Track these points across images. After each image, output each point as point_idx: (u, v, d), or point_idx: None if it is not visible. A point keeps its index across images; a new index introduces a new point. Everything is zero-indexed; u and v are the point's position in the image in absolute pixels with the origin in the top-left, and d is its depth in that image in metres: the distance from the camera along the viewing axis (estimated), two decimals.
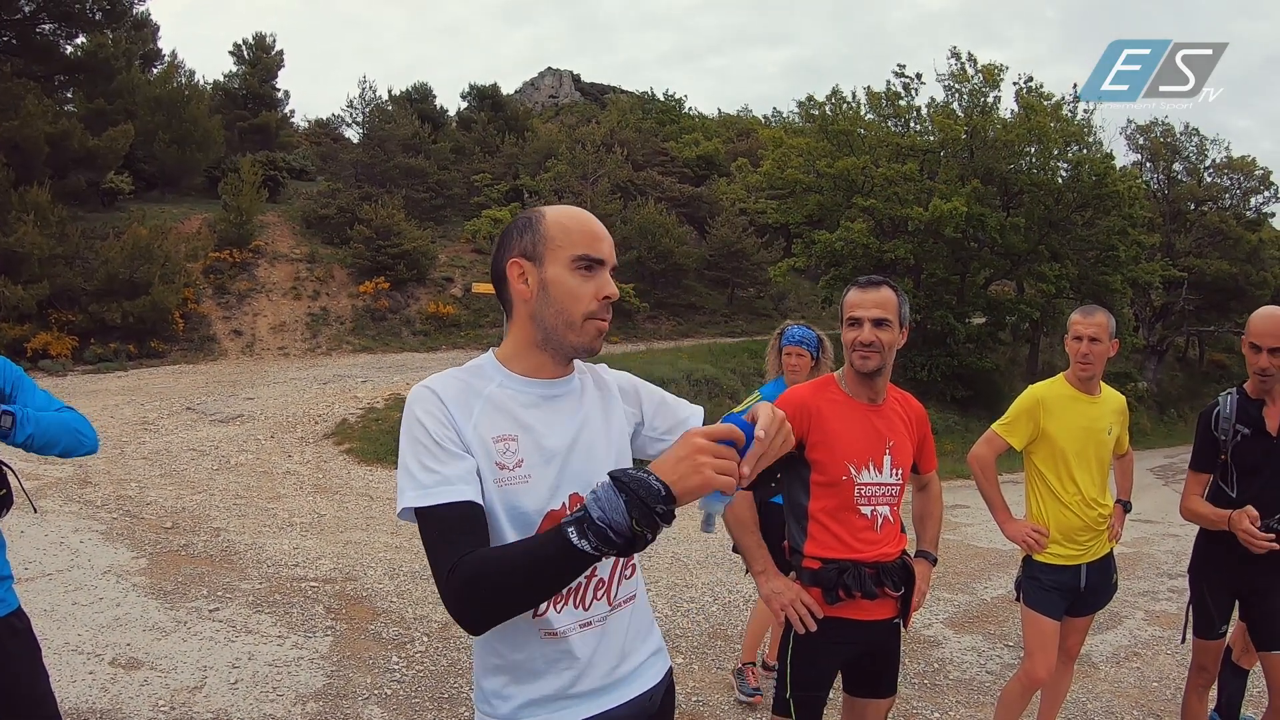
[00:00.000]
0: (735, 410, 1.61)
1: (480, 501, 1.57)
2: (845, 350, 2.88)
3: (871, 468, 2.84)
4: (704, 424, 1.64)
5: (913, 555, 3.05)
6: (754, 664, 4.85)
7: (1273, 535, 3.35)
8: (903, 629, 2.98)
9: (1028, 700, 3.75)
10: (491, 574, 1.44)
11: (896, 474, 2.90)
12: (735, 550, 4.44)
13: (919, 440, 3.04)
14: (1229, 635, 3.83)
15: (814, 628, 2.78)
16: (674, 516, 1.38)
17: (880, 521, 2.86)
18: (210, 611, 5.80)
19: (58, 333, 19.30)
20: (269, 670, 4.89)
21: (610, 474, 1.39)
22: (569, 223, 1.72)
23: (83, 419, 2.73)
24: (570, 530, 1.36)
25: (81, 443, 2.68)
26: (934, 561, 3.14)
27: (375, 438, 13.06)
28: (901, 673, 5.25)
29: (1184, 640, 3.75)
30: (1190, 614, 3.74)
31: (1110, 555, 3.78)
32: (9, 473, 2.69)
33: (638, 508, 1.34)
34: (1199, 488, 3.69)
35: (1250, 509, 3.38)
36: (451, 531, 1.52)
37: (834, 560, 2.81)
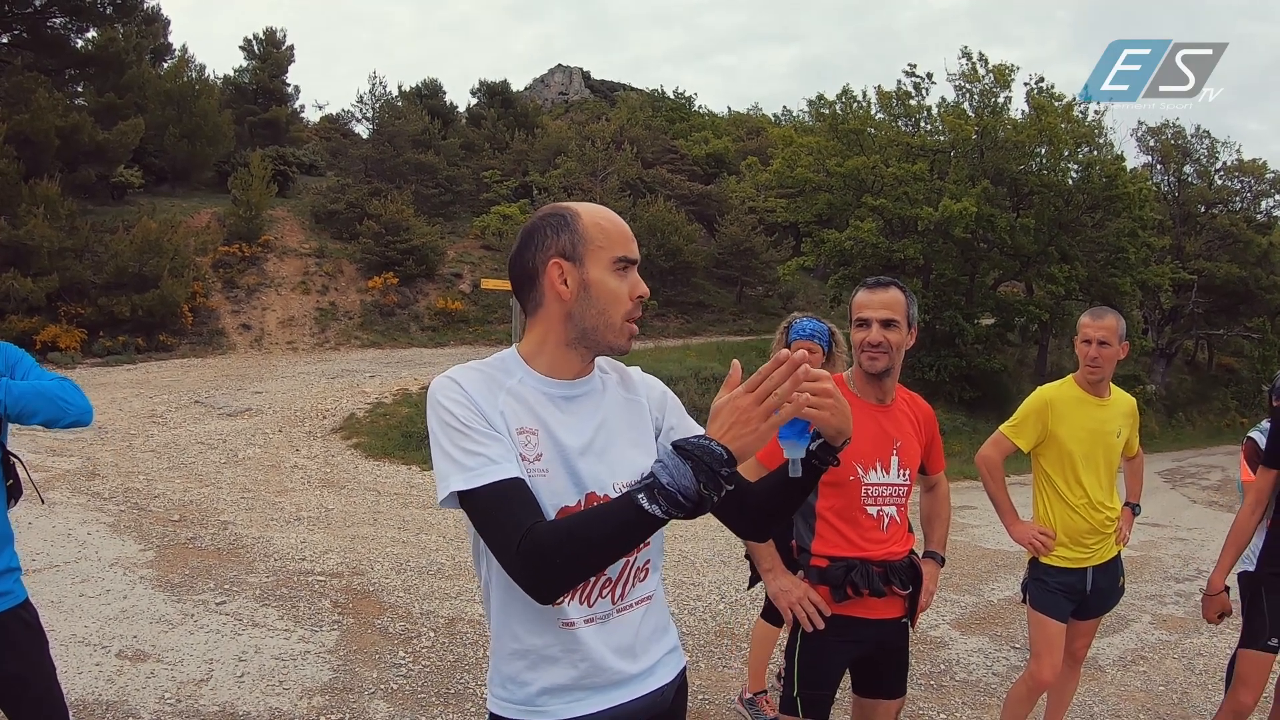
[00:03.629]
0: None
1: (525, 479, 1.60)
2: (854, 351, 2.89)
3: (879, 468, 2.85)
4: None
5: (920, 555, 3.05)
6: (765, 692, 4.50)
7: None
8: (910, 629, 2.98)
9: (1033, 703, 3.73)
10: (565, 541, 1.48)
11: (904, 474, 2.90)
12: (746, 557, 4.39)
13: (927, 441, 3.05)
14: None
15: (821, 625, 2.78)
16: (737, 478, 1.48)
17: (887, 521, 2.87)
18: (217, 604, 5.82)
19: (67, 325, 19.38)
20: (275, 664, 4.90)
21: (674, 443, 1.47)
22: (606, 224, 1.72)
23: (71, 386, 2.58)
24: (640, 496, 1.44)
25: (66, 410, 2.53)
26: (941, 562, 3.14)
27: (383, 433, 13.09)
28: (907, 673, 5.25)
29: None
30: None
31: (1117, 558, 3.76)
32: (17, 463, 2.68)
33: (704, 473, 1.43)
34: (1264, 484, 3.41)
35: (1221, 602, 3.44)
36: (510, 505, 1.54)
37: (841, 558, 2.81)
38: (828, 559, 2.83)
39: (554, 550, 1.47)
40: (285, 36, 36.49)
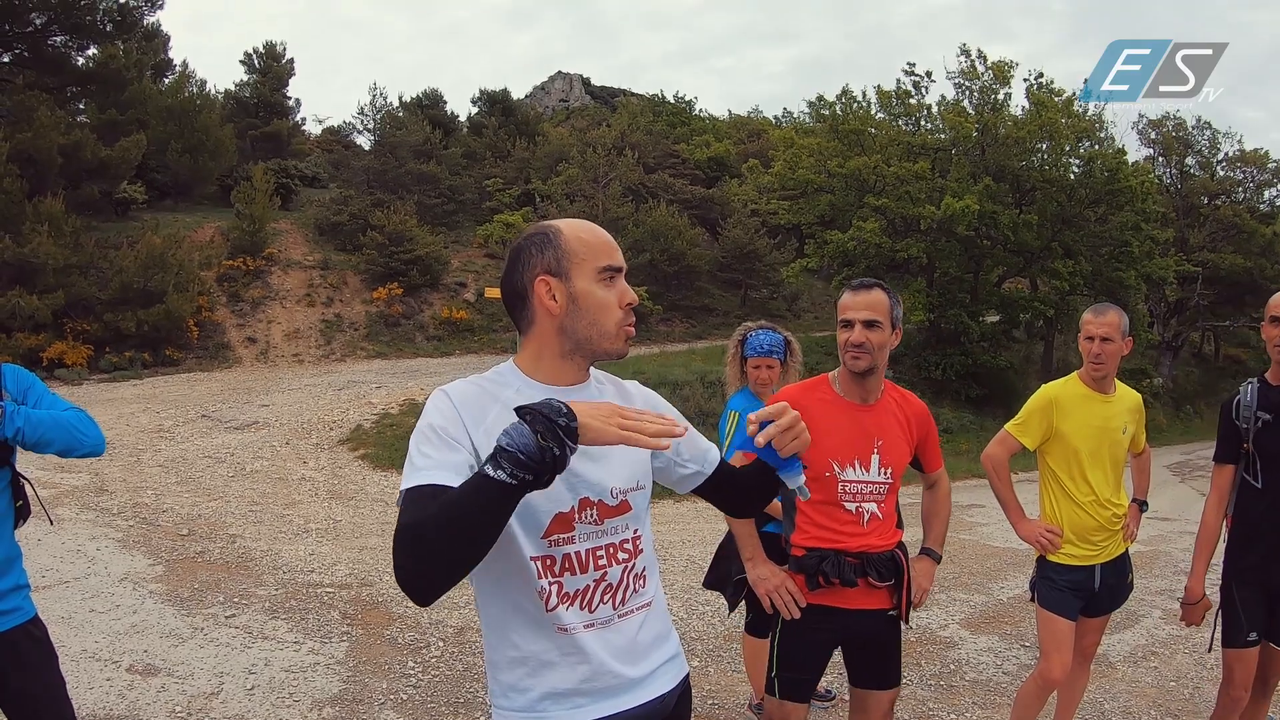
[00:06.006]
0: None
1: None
2: (839, 350, 2.95)
3: (857, 466, 2.90)
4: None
5: (917, 552, 3.10)
6: None
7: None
8: (903, 624, 3.01)
9: (1044, 701, 3.72)
10: (425, 526, 1.42)
11: (886, 473, 2.94)
12: (712, 586, 4.39)
13: (919, 439, 3.08)
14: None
15: (797, 614, 2.89)
16: (577, 435, 1.42)
17: (867, 517, 2.92)
18: (227, 618, 5.82)
19: (73, 342, 19.46)
20: (285, 676, 4.90)
21: (515, 408, 1.44)
22: (587, 236, 1.76)
23: (87, 419, 2.66)
24: (486, 466, 1.39)
25: (81, 442, 2.60)
26: (938, 559, 3.16)
27: (390, 443, 13.09)
28: (917, 673, 5.24)
29: (1210, 649, 3.60)
30: (1218, 619, 3.53)
31: (1125, 555, 3.75)
32: (26, 484, 2.70)
33: (540, 423, 1.39)
34: (1223, 481, 3.54)
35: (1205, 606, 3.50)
36: (416, 507, 1.50)
37: (816, 549, 2.90)
38: (804, 549, 2.93)
39: (417, 540, 1.42)
40: (285, 50, 36.65)
